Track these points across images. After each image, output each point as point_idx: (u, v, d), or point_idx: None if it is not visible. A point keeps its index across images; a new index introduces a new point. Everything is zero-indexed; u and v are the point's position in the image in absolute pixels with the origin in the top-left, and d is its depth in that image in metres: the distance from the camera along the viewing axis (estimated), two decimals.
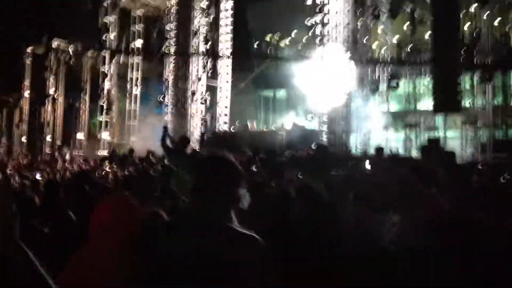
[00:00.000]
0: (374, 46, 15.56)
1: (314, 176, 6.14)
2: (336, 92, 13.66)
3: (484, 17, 14.46)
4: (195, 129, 18.26)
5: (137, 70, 22.86)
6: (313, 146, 11.40)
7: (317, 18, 14.79)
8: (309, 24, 15.05)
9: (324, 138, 13.34)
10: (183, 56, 18.54)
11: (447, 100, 11.64)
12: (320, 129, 14.18)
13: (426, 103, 14.53)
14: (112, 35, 21.95)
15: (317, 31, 14.74)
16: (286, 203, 4.19)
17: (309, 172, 7.23)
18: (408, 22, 14.43)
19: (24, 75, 24.72)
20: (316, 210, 3.89)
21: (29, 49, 24.49)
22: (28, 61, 24.72)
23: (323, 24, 14.63)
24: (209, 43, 19.20)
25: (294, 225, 3.76)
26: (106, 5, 21.65)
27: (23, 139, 24.28)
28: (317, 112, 14.52)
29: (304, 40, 16.53)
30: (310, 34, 15.18)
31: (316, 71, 14.27)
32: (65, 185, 7.14)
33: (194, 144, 15.72)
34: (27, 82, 24.78)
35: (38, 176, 11.06)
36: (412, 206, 3.48)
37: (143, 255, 2.14)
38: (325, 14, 14.57)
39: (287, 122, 15.92)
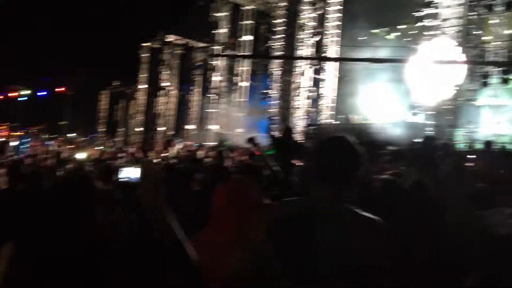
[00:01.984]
0: (485, 39, 15.54)
1: (422, 171, 5.89)
2: (444, 86, 13.95)
3: None
4: (299, 122, 19.22)
5: (245, 64, 24.37)
6: (418, 140, 11.58)
7: (427, 11, 15.13)
8: (418, 16, 15.45)
9: (429, 132, 13.65)
10: (289, 58, 19.59)
11: None
12: (424, 122, 14.52)
13: None
14: (222, 30, 23.56)
15: (427, 24, 15.09)
16: (394, 196, 4.09)
17: (416, 167, 6.97)
18: None
19: (139, 68, 27.16)
20: (424, 205, 3.81)
21: (144, 44, 26.75)
22: (143, 56, 27.03)
23: (433, 17, 14.96)
24: (316, 37, 20.05)
25: (400, 218, 3.60)
26: (217, 1, 23.12)
27: (138, 129, 26.74)
28: (423, 105, 14.84)
29: (412, 33, 16.88)
30: (419, 27, 15.55)
31: (423, 64, 14.62)
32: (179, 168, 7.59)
33: (298, 136, 16.62)
34: (142, 75, 27.15)
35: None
36: None
37: (266, 235, 2.11)
38: (435, 7, 14.88)
39: (390, 115, 16.29)
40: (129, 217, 2.84)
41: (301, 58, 19.69)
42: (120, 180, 5.93)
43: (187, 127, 25.04)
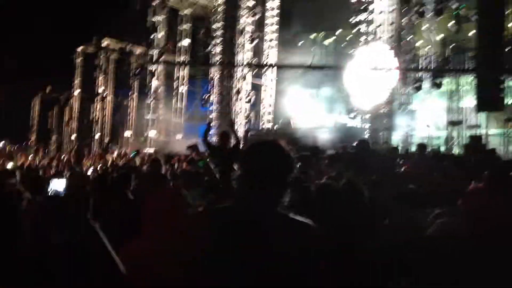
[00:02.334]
0: (418, 44, 16.28)
1: (357, 173, 6.15)
2: (379, 90, 14.43)
3: None
4: (239, 127, 19.26)
5: (184, 68, 24.18)
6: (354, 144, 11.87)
7: (362, 16, 15.63)
8: (353, 22, 15.93)
9: (366, 135, 14.07)
10: (228, 65, 19.65)
11: (490, 99, 12.10)
12: (362, 126, 14.97)
13: (469, 101, 15.13)
14: (160, 35, 23.28)
15: (362, 29, 15.60)
16: (328, 199, 4.08)
17: (351, 169, 7.13)
18: (453, 20, 15.03)
19: (74, 74, 26.38)
20: (357, 207, 3.86)
21: (79, 49, 26.00)
22: (78, 60, 26.28)
23: (368, 23, 15.47)
24: (255, 42, 20.20)
25: (333, 220, 3.59)
26: (154, 5, 22.83)
27: (73, 136, 25.96)
28: (360, 109, 15.29)
29: (348, 38, 17.39)
30: (354, 32, 16.05)
31: (359, 69, 15.07)
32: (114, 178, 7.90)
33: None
34: (77, 81, 26.41)
35: (89, 172, 12.34)
36: (455, 199, 3.77)
37: (197, 242, 2.09)
38: (370, 13, 15.39)
39: (330, 119, 16.70)
40: (57, 231, 2.79)
41: (242, 65, 19.74)
42: (49, 192, 5.77)
43: (125, 133, 24.53)
